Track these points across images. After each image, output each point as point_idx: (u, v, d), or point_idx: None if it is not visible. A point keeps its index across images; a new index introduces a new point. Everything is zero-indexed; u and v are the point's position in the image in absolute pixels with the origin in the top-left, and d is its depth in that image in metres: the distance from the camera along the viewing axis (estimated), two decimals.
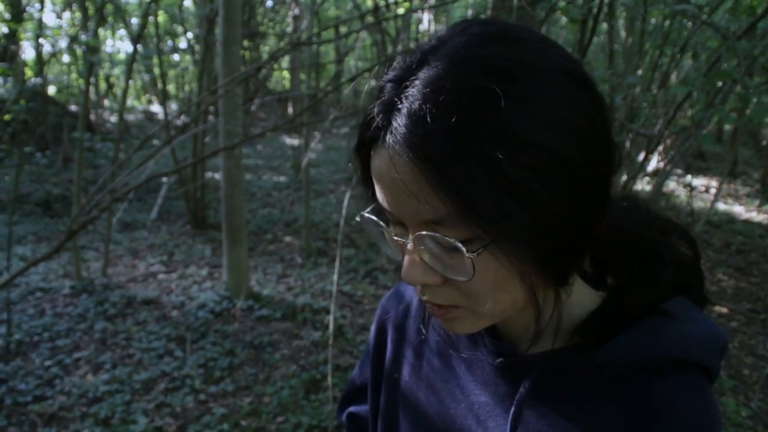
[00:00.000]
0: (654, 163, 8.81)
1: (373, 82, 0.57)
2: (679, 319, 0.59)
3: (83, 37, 6.21)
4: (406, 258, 0.54)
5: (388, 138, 0.49)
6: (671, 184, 9.01)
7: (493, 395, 0.65)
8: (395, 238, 0.55)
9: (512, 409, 0.62)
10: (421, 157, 0.47)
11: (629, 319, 0.58)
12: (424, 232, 0.51)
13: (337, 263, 2.47)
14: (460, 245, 0.49)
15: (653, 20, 5.38)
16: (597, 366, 0.59)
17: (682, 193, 8.79)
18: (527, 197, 0.47)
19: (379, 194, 0.54)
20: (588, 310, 0.62)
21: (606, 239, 0.62)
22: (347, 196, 2.31)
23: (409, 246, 0.53)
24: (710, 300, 0.68)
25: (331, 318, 2.44)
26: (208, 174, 7.47)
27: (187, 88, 12.46)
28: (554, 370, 0.61)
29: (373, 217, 0.58)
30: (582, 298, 0.63)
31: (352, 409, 0.89)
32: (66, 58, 10.80)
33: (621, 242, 0.63)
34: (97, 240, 6.22)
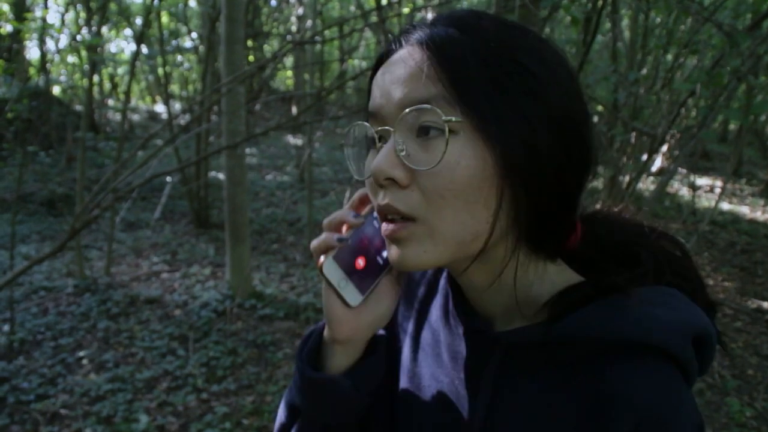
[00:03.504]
0: (658, 163, 8.80)
1: None
2: (644, 302, 0.56)
3: (87, 36, 6.23)
4: (382, 149, 0.55)
5: (410, 38, 0.56)
6: (675, 184, 8.98)
7: (468, 371, 0.65)
8: (376, 135, 0.57)
9: (480, 386, 0.62)
10: (435, 48, 0.53)
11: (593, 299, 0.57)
12: (408, 110, 0.53)
13: None
14: (439, 112, 0.51)
15: (657, 19, 5.36)
16: (558, 345, 0.57)
17: (686, 193, 8.76)
18: (520, 113, 0.52)
19: (375, 93, 0.57)
20: None
21: (583, 248, 0.64)
22: (347, 194, 2.30)
23: (390, 141, 0.55)
24: (717, 304, 0.65)
25: None
26: (212, 173, 7.48)
27: (191, 87, 12.48)
28: (523, 348, 0.60)
29: (365, 123, 0.59)
30: (563, 279, 0.61)
31: None
32: (71, 58, 10.83)
33: (597, 249, 0.64)
34: (101, 239, 6.24)
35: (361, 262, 0.63)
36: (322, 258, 0.62)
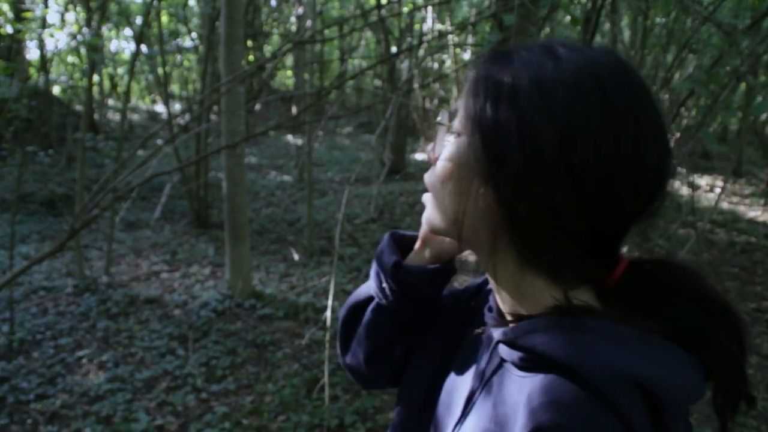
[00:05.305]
0: None
1: (376, 81, 0.65)
2: (596, 333, 0.54)
3: (86, 36, 6.23)
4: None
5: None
6: (675, 184, 8.97)
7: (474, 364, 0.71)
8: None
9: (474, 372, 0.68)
10: (476, 75, 0.61)
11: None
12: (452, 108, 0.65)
13: (335, 260, 2.47)
14: (444, 120, 0.66)
15: (658, 19, 5.36)
16: (510, 348, 0.60)
17: (686, 193, 8.76)
18: (495, 131, 0.56)
19: None
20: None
21: (618, 292, 0.60)
22: (346, 193, 2.30)
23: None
24: (750, 396, 0.63)
25: (328, 315, 2.43)
26: (212, 173, 7.48)
27: (190, 87, 12.51)
28: (505, 345, 0.62)
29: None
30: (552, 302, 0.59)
31: None
32: (71, 57, 10.84)
33: (627, 296, 0.60)
34: (101, 239, 6.23)
35: None
36: None
